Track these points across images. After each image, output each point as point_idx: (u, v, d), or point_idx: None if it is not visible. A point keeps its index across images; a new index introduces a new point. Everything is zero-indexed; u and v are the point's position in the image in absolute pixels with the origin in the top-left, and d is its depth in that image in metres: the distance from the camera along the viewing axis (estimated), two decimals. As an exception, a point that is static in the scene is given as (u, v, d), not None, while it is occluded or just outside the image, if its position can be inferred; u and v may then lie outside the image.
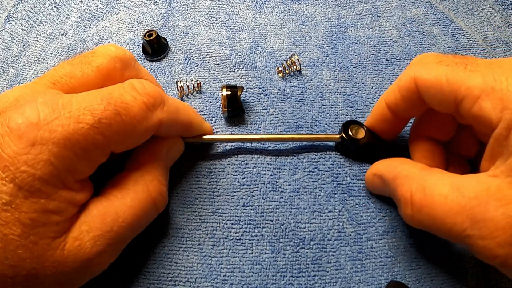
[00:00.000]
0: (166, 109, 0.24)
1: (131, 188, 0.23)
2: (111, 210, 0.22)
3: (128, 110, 0.21)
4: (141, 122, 0.22)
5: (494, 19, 0.42)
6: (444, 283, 0.26)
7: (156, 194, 0.24)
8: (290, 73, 0.36)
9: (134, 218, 0.22)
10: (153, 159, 0.25)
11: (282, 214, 0.28)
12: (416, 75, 0.23)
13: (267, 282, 0.26)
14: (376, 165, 0.27)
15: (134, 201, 0.23)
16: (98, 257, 0.21)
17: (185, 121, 0.26)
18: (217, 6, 0.41)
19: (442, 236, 0.21)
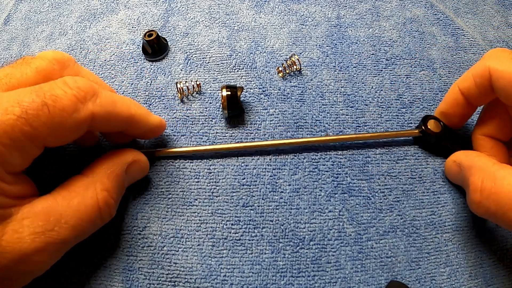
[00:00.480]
0: (99, 102, 0.24)
1: (81, 192, 0.23)
2: (55, 210, 0.22)
3: (56, 102, 0.21)
4: (71, 115, 0.22)
5: (494, 19, 0.42)
6: (444, 283, 0.26)
7: (103, 204, 0.24)
8: (290, 73, 0.36)
9: (77, 222, 0.22)
10: (109, 171, 0.25)
11: (282, 214, 0.28)
12: (490, 66, 0.26)
13: (267, 282, 0.26)
14: (457, 154, 0.29)
15: (80, 206, 0.23)
16: (37, 254, 0.21)
17: (124, 114, 0.25)
18: (217, 6, 0.41)
19: (504, 223, 0.23)
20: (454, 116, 0.31)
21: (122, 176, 0.26)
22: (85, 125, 0.23)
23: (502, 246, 0.28)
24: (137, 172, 0.28)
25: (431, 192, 0.30)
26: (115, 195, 0.25)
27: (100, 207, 0.24)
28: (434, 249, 0.28)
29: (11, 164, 0.21)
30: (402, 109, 0.34)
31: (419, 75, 0.36)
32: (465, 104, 0.29)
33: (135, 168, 0.27)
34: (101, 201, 0.24)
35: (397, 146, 0.32)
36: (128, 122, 0.26)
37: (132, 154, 0.27)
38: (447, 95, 0.31)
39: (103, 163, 0.25)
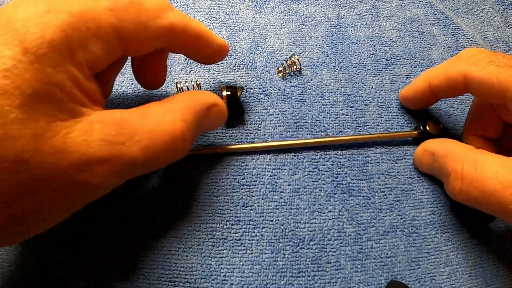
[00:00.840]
0: (178, 14, 0.24)
1: (159, 115, 0.22)
2: (130, 124, 0.20)
3: (142, 3, 0.22)
4: (155, 19, 0.22)
5: (494, 19, 0.42)
6: (444, 282, 0.26)
7: (180, 134, 0.22)
8: (290, 73, 0.36)
9: (150, 144, 0.20)
10: (191, 105, 0.24)
11: (281, 214, 0.28)
12: (466, 71, 0.26)
13: (267, 282, 0.26)
14: (428, 142, 0.29)
15: (156, 128, 0.21)
16: (102, 165, 0.19)
17: (197, 31, 0.25)
18: (217, 6, 0.41)
19: (488, 209, 0.23)
20: (417, 102, 0.32)
21: (202, 115, 0.24)
22: (166, 34, 0.23)
23: (502, 246, 0.28)
24: (215, 117, 0.26)
25: (430, 191, 0.30)
26: (192, 130, 0.23)
27: (176, 136, 0.22)
28: (434, 249, 0.28)
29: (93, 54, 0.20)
30: (402, 109, 0.34)
31: (419, 75, 0.36)
32: (431, 95, 0.30)
33: (214, 111, 0.26)
34: (178, 131, 0.22)
35: (396, 146, 0.32)
36: (200, 38, 0.26)
37: (213, 97, 0.26)
38: (415, 83, 0.31)
39: (184, 96, 0.24)
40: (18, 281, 0.26)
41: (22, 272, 0.26)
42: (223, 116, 0.27)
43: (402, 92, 0.33)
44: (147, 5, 0.22)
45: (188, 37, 0.25)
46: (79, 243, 0.27)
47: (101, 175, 0.19)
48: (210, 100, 0.25)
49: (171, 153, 0.22)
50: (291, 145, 0.31)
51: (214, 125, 0.27)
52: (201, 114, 0.24)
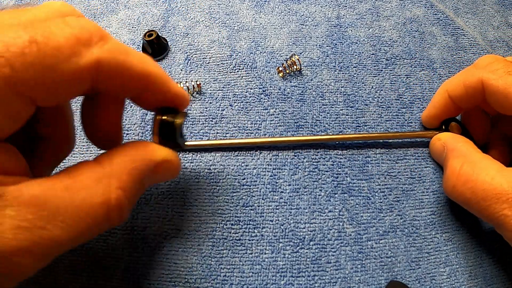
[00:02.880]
0: (108, 48, 0.18)
1: (89, 185, 0.18)
2: (52, 202, 0.17)
3: (49, 39, 0.16)
4: (69, 58, 0.17)
5: (494, 19, 0.42)
6: (444, 282, 0.26)
7: (115, 206, 0.19)
8: (290, 73, 0.36)
9: (77, 223, 0.17)
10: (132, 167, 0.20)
11: (281, 214, 0.28)
12: (484, 78, 0.26)
13: (267, 282, 0.26)
14: (444, 134, 0.30)
15: (85, 203, 0.18)
16: (20, 255, 0.16)
17: (139, 70, 0.20)
18: (217, 6, 0.41)
19: (476, 211, 0.24)
20: (441, 117, 0.31)
21: (145, 176, 0.21)
22: (87, 76, 0.18)
23: (502, 245, 0.28)
24: (164, 174, 0.22)
25: (431, 192, 0.30)
26: (132, 197, 0.20)
27: (110, 208, 0.19)
28: (434, 249, 0.28)
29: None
30: (402, 109, 0.34)
31: (419, 75, 0.36)
32: (453, 107, 0.30)
33: (163, 169, 0.22)
34: (114, 202, 0.18)
35: (397, 146, 0.32)
36: (143, 82, 0.20)
37: (164, 152, 0.22)
38: (435, 99, 0.31)
39: (125, 153, 0.20)
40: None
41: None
42: (174, 172, 0.23)
43: (424, 113, 0.32)
44: (58, 40, 0.16)
45: (125, 77, 0.19)
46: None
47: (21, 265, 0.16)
48: (159, 156, 0.21)
49: (105, 224, 0.19)
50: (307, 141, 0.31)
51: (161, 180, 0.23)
52: (145, 175, 0.20)
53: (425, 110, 0.32)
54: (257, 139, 0.31)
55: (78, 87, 0.18)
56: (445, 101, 0.30)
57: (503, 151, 0.30)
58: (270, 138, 0.31)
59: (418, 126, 0.33)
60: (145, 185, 0.21)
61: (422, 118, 0.33)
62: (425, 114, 0.32)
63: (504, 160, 0.29)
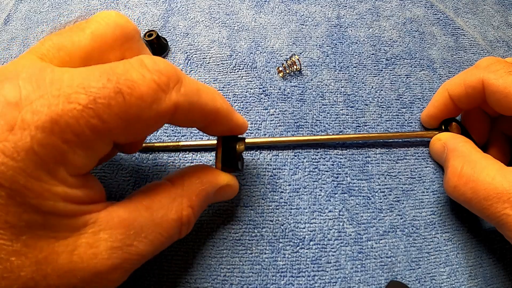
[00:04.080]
0: (184, 91, 0.19)
1: (166, 205, 0.20)
2: (137, 222, 0.19)
3: (133, 89, 0.17)
4: (151, 105, 0.18)
5: (494, 19, 0.42)
6: (444, 282, 0.26)
7: (186, 222, 0.21)
8: (290, 73, 0.36)
9: (157, 237, 0.20)
10: (201, 189, 0.22)
11: (282, 215, 0.28)
12: (485, 78, 0.26)
13: (267, 282, 0.26)
14: (444, 134, 0.30)
15: (163, 220, 0.20)
16: (113, 272, 0.18)
17: (209, 108, 0.21)
18: (217, 6, 0.41)
19: (477, 211, 0.24)
20: (441, 117, 0.31)
21: (210, 197, 0.24)
22: (166, 119, 0.19)
23: (502, 245, 0.28)
24: (224, 196, 0.25)
25: (431, 192, 0.30)
26: (198, 213, 0.23)
27: (183, 223, 0.21)
28: (434, 249, 0.28)
29: (75, 165, 0.17)
30: (402, 109, 0.34)
31: (419, 75, 0.36)
32: (453, 108, 0.30)
33: (225, 192, 0.25)
34: (185, 218, 0.21)
35: (397, 146, 0.32)
36: (211, 117, 0.22)
37: (227, 178, 0.25)
38: (436, 99, 0.31)
39: (196, 176, 0.23)
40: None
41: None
42: (233, 194, 0.26)
43: (424, 113, 0.32)
44: (141, 88, 0.17)
45: (197, 116, 0.21)
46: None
47: (113, 281, 0.18)
48: (224, 182, 0.24)
49: (175, 238, 0.22)
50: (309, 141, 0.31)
51: (219, 200, 0.26)
52: (211, 196, 0.23)
53: (425, 110, 0.32)
54: (257, 139, 0.31)
55: (155, 128, 0.19)
56: (445, 101, 0.30)
57: (502, 151, 0.30)
58: (270, 138, 0.31)
59: (418, 126, 0.33)
60: (209, 203, 0.24)
61: (421, 118, 0.33)
62: (425, 114, 0.32)
63: (504, 159, 0.29)
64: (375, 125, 0.33)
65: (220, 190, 0.24)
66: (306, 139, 0.31)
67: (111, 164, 0.30)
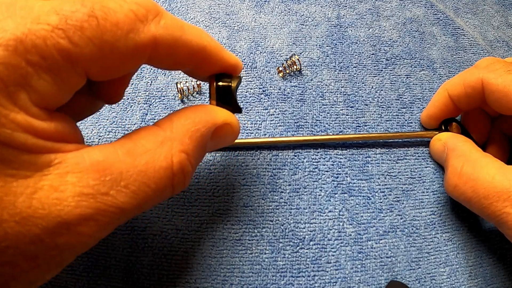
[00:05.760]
0: (164, 24, 0.18)
1: (152, 149, 0.17)
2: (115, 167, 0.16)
3: (109, 14, 0.16)
4: (127, 34, 0.16)
5: (494, 19, 0.42)
6: (444, 282, 0.26)
7: (178, 170, 0.18)
8: (290, 73, 0.36)
9: (141, 188, 0.17)
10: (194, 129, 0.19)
11: (282, 215, 0.28)
12: (484, 77, 0.26)
13: (267, 282, 0.26)
14: (445, 134, 0.30)
15: (148, 166, 0.17)
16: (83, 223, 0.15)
17: (194, 44, 0.19)
18: (217, 6, 0.41)
19: (477, 210, 0.24)
20: (440, 118, 0.31)
21: (207, 139, 0.20)
22: (145, 52, 0.18)
23: (502, 245, 0.28)
24: (225, 138, 0.22)
25: (431, 192, 0.30)
26: (194, 161, 0.19)
27: (174, 172, 0.18)
28: (434, 249, 0.28)
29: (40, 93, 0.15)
30: (402, 109, 0.34)
31: (419, 75, 0.36)
32: (453, 108, 0.30)
33: (224, 132, 0.21)
34: (176, 166, 0.18)
35: (397, 146, 0.32)
36: (199, 55, 0.20)
37: (224, 114, 0.21)
38: (435, 99, 0.31)
39: (187, 117, 0.20)
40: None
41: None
42: (234, 136, 0.23)
43: (424, 113, 0.32)
44: (116, 15, 0.16)
45: (181, 52, 0.19)
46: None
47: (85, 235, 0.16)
48: (220, 119, 0.21)
49: (169, 191, 0.19)
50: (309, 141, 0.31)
51: (221, 146, 0.23)
52: (207, 138, 0.20)
53: (425, 110, 0.32)
54: (257, 139, 0.31)
55: (133, 63, 0.18)
56: (445, 101, 0.30)
57: (501, 150, 0.30)
58: (270, 138, 0.31)
59: (418, 126, 0.33)
60: (206, 150, 0.21)
61: (421, 118, 0.33)
62: (425, 114, 0.32)
63: (503, 158, 0.29)
64: (375, 125, 0.33)
65: (218, 131, 0.21)
66: (306, 139, 0.31)
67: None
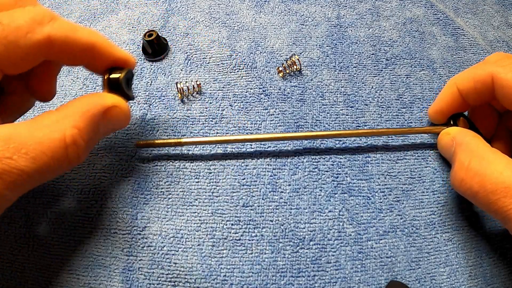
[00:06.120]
0: (57, 25, 0.23)
1: (48, 125, 0.22)
2: (16, 138, 0.20)
3: (12, 21, 0.21)
4: (26, 34, 0.22)
5: (494, 19, 0.42)
6: (444, 282, 0.26)
7: (71, 142, 0.22)
8: (290, 73, 0.36)
9: (39, 155, 0.21)
10: (84, 110, 0.23)
11: (282, 214, 0.28)
12: (494, 72, 0.26)
13: (267, 282, 0.26)
14: (453, 128, 0.29)
15: (44, 138, 0.21)
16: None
17: (85, 41, 0.24)
18: (217, 6, 0.41)
19: (483, 205, 0.24)
20: (448, 112, 0.31)
21: (98, 119, 0.24)
22: (42, 49, 0.22)
23: (502, 245, 0.28)
24: (116, 119, 0.26)
25: (430, 192, 0.30)
26: (86, 136, 0.23)
27: (67, 144, 0.22)
28: (434, 249, 0.28)
29: None
30: (402, 109, 0.34)
31: (419, 75, 0.36)
32: (462, 103, 0.29)
33: (114, 114, 0.25)
34: (69, 138, 0.22)
35: (397, 146, 0.32)
36: (89, 51, 0.25)
37: (113, 98, 0.25)
38: (444, 93, 0.30)
39: (79, 101, 0.24)
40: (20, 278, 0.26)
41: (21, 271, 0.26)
42: (125, 117, 0.26)
43: (431, 108, 0.32)
44: (17, 21, 0.21)
45: (73, 48, 0.24)
46: (77, 242, 0.27)
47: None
48: (108, 102, 0.25)
49: (64, 161, 0.22)
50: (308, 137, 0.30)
51: (115, 127, 0.27)
52: (98, 117, 0.24)
53: (432, 105, 0.32)
54: (254, 135, 0.30)
55: (35, 58, 0.23)
56: (454, 95, 0.29)
57: (507, 146, 0.30)
58: (268, 135, 0.30)
59: (418, 126, 0.33)
60: (101, 130, 0.25)
61: (429, 113, 0.32)
62: (432, 109, 0.32)
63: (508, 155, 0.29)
64: (375, 125, 0.33)
65: (109, 112, 0.25)
66: (304, 135, 0.30)
67: (111, 168, 0.30)
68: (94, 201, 0.29)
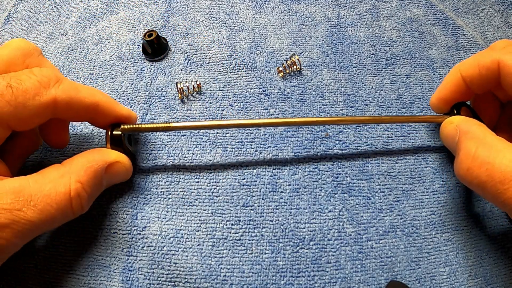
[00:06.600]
0: (62, 87, 0.25)
1: (54, 180, 0.23)
2: (26, 191, 0.22)
3: (20, 84, 0.23)
4: (34, 97, 0.23)
5: (494, 19, 0.42)
6: (444, 282, 0.26)
7: (75, 195, 0.24)
8: (290, 73, 0.36)
9: (46, 207, 0.22)
10: (88, 165, 0.25)
11: (282, 214, 0.28)
12: (501, 59, 0.26)
13: (267, 282, 0.26)
14: (457, 117, 0.28)
15: (51, 191, 0.23)
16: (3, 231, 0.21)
17: (87, 101, 0.26)
18: (217, 6, 0.41)
19: (491, 195, 0.23)
20: (452, 100, 0.30)
21: (101, 173, 0.26)
22: (48, 109, 0.24)
23: (502, 245, 0.28)
24: (118, 173, 0.27)
25: (430, 191, 0.30)
26: (90, 189, 0.25)
27: (72, 197, 0.23)
28: (434, 249, 0.28)
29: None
30: (402, 109, 0.34)
31: (419, 75, 0.36)
32: (465, 90, 0.29)
33: (116, 169, 0.27)
34: (73, 192, 0.23)
35: (396, 146, 0.32)
36: (92, 109, 0.26)
37: (115, 155, 0.27)
38: (447, 80, 0.30)
39: (83, 157, 0.25)
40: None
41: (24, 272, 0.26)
42: (126, 172, 0.28)
43: (434, 96, 0.31)
44: (25, 84, 0.23)
45: (77, 107, 0.26)
46: (77, 242, 0.27)
47: (4, 239, 0.21)
48: (111, 158, 0.26)
49: (69, 212, 0.24)
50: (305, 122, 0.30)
51: (117, 180, 0.28)
52: (100, 173, 0.25)
53: (435, 93, 0.31)
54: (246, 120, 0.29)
55: (42, 117, 0.24)
56: (458, 82, 0.29)
57: (509, 136, 0.29)
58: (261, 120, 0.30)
59: (418, 126, 0.33)
60: (103, 183, 0.26)
61: (431, 102, 0.31)
62: (435, 97, 0.30)
63: None
64: (375, 125, 0.33)
65: (111, 167, 0.26)
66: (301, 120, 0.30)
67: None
68: (94, 201, 0.29)
